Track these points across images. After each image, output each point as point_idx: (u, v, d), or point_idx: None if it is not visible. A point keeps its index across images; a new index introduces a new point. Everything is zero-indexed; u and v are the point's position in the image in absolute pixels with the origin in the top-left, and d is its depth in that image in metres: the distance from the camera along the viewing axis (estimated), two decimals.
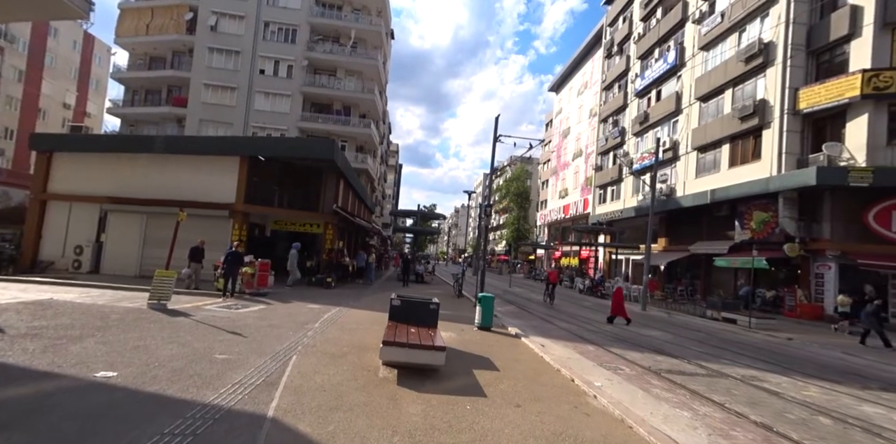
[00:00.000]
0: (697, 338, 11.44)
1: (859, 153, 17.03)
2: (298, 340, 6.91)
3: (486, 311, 9.43)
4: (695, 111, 25.13)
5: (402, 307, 6.61)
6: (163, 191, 15.45)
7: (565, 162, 45.47)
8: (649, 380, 6.48)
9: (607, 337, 10.21)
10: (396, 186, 68.06)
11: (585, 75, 43.07)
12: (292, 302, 11.35)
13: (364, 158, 32.16)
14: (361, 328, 8.42)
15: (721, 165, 22.74)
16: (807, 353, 10.55)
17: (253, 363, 5.36)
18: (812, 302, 17.97)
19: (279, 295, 12.37)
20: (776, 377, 7.42)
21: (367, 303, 12.66)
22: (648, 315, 16.12)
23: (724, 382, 6.81)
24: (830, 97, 17.66)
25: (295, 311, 9.94)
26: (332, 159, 15.98)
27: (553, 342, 8.77)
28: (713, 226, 23.63)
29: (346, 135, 30.62)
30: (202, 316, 8.38)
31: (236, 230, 15.54)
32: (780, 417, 5.22)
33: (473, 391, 5.01)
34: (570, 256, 39.83)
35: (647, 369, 7.20)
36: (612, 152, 34.74)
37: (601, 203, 35.44)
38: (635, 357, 8.03)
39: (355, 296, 14.14)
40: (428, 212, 30.05)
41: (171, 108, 29.51)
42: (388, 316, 6.71)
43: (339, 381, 4.93)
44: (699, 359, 8.42)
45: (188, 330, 6.99)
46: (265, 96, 30.09)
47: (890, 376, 8.50)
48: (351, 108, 31.66)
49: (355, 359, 5.97)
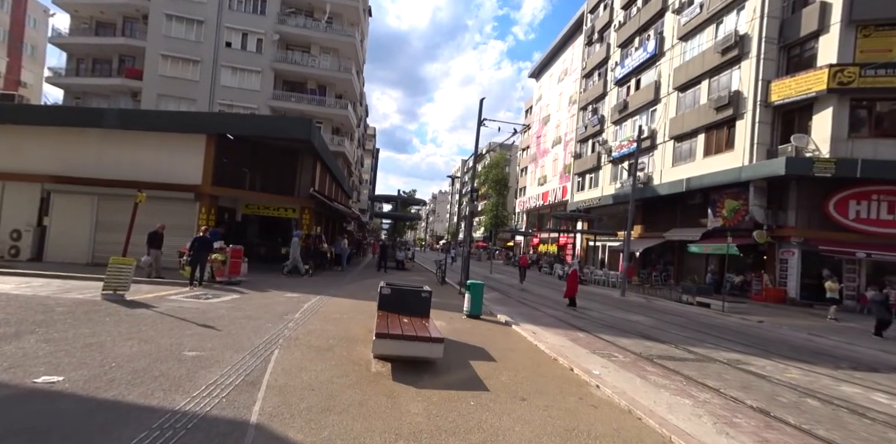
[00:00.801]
0: (678, 322, 11.58)
1: (824, 145, 17.56)
2: (279, 332, 6.40)
3: (476, 299, 9.15)
4: (672, 101, 25.35)
5: (392, 296, 6.21)
6: (118, 170, 14.19)
7: (545, 149, 45.50)
8: (644, 367, 6.37)
9: (595, 324, 10.15)
10: (373, 172, 66.72)
11: (566, 62, 42.86)
12: (269, 291, 10.74)
13: (341, 141, 31.09)
14: (346, 318, 7.97)
15: (696, 155, 23.11)
16: (778, 335, 10.87)
17: (229, 360, 4.85)
18: (776, 286, 18.68)
19: (254, 284, 11.70)
20: (759, 360, 7.51)
21: (348, 291, 12.18)
22: (628, 301, 16.31)
23: (713, 366, 6.80)
24: (800, 90, 18.08)
25: (272, 300, 9.36)
26: (308, 140, 15.11)
27: (544, 330, 8.59)
28: (687, 214, 24.15)
29: (321, 116, 29.40)
30: (167, 308, 7.69)
31: (203, 214, 14.61)
32: (772, 400, 5.20)
33: (474, 385, 4.69)
34: (548, 242, 40.21)
35: (639, 355, 7.11)
36: (592, 140, 34.90)
37: (580, 191, 35.72)
38: (626, 344, 7.94)
39: (335, 284, 13.61)
40: (408, 197, 29.40)
41: (125, 80, 27.36)
42: (376, 305, 6.30)
43: (329, 378, 4.51)
44: (685, 344, 8.45)
45: (151, 324, 6.34)
46: (232, 72, 28.40)
47: (855, 355, 8.86)
48: (326, 87, 30.37)
49: (344, 352, 5.54)
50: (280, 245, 16.54)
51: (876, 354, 9.07)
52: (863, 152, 16.98)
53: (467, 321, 8.82)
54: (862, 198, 17.48)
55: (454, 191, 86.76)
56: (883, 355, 9.00)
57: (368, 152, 62.97)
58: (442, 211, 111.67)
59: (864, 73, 16.71)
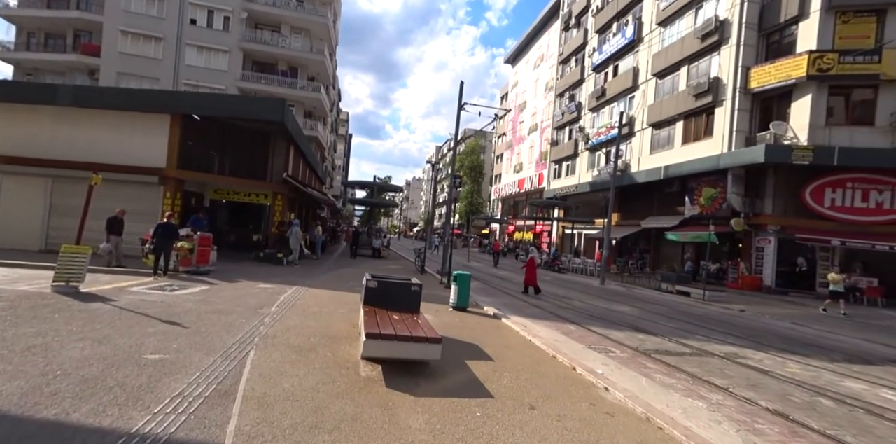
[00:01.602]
0: (662, 312, 11.52)
1: (802, 132, 17.78)
2: (254, 329, 5.80)
3: (463, 290, 8.70)
4: (651, 87, 25.29)
5: (379, 290, 5.68)
6: (73, 151, 13.08)
7: (521, 136, 45.17)
8: (645, 363, 6.11)
9: (582, 315, 9.91)
10: (346, 157, 65.06)
11: (542, 48, 42.30)
12: (240, 281, 10.01)
13: (314, 125, 29.85)
14: (326, 312, 7.39)
15: (675, 142, 23.19)
16: (762, 324, 10.91)
17: (198, 364, 4.25)
18: (752, 274, 19.07)
19: (223, 273, 10.90)
20: (754, 353, 7.39)
21: (326, 281, 11.54)
22: (608, 289, 16.28)
23: (712, 361, 6.61)
24: (780, 77, 18.17)
25: (244, 292, 8.66)
26: (281, 122, 14.19)
27: (533, 323, 8.25)
28: (664, 201, 24.35)
29: (293, 98, 28.05)
30: (127, 301, 6.92)
31: (168, 199, 13.62)
32: (786, 401, 4.98)
33: (476, 391, 4.25)
34: (523, 230, 40.21)
35: (635, 350, 6.86)
36: (569, 127, 34.73)
37: (556, 178, 35.65)
38: (619, 337, 7.70)
39: (311, 273, 12.92)
40: (384, 183, 28.60)
41: (80, 56, 25.33)
42: (357, 297, 5.78)
43: (314, 385, 3.98)
44: (676, 336, 8.29)
45: (108, 321, 5.62)
46: (198, 50, 26.66)
47: (843, 345, 8.88)
48: (298, 69, 28.95)
49: (328, 353, 5.01)
50: (251, 232, 15.66)
51: (860, 343, 9.15)
52: (839, 140, 17.26)
53: (455, 314, 8.38)
54: (837, 186, 17.84)
55: (430, 178, 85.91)
56: (867, 345, 9.08)
57: (341, 138, 61.28)
58: (416, 198, 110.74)
59: (842, 59, 16.87)
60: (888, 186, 17.57)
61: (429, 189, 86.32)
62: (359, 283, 11.34)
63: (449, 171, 60.62)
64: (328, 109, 33.13)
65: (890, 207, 17.61)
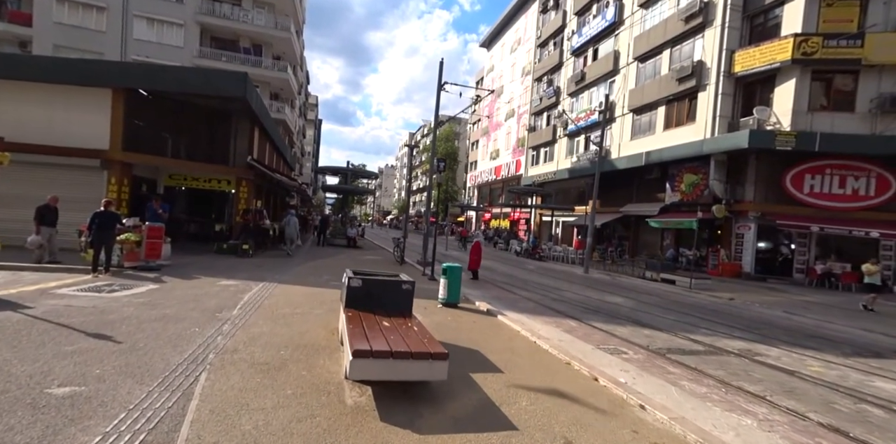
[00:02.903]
0: (656, 303, 11.02)
1: (785, 118, 17.60)
2: (209, 341, 4.71)
3: (453, 285, 7.80)
4: (632, 72, 24.77)
5: (363, 289, 4.69)
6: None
7: (497, 122, 44.26)
8: (665, 367, 5.42)
9: (578, 308, 9.24)
10: (316, 144, 62.54)
11: (519, 31, 41.21)
12: (197, 278, 8.76)
13: (281, 108, 27.98)
14: (299, 314, 6.34)
15: (656, 128, 22.83)
16: (757, 314, 10.56)
17: (124, 400, 3.17)
18: (732, 261, 19.05)
19: (179, 269, 9.62)
20: (767, 349, 6.87)
21: (299, 275, 10.35)
22: (594, 278, 15.78)
23: (732, 361, 6.01)
24: (764, 60, 17.88)
25: (202, 291, 7.45)
26: (243, 97, 12.68)
27: (532, 320, 7.47)
28: (644, 188, 24.09)
29: (258, 78, 25.94)
30: (48, 308, 5.64)
31: (114, 185, 12.06)
32: (833, 411, 4.37)
33: (494, 419, 3.37)
34: (500, 218, 39.64)
35: (647, 349, 6.18)
36: (547, 113, 34.04)
37: (534, 165, 35.05)
38: (624, 333, 7.02)
39: (281, 266, 11.72)
40: (358, 169, 27.15)
41: (8, 25, 22.55)
42: (334, 294, 4.81)
43: (286, 423, 2.99)
44: (681, 330, 7.69)
45: (11, 336, 4.39)
46: (148, 23, 24.28)
47: (845, 336, 8.54)
48: (262, 47, 26.89)
49: (303, 371, 4.00)
50: (214, 221, 14.21)
51: (861, 334, 8.80)
52: (821, 126, 17.16)
53: (446, 312, 7.49)
54: (816, 172, 17.83)
55: (404, 165, 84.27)
56: (868, 335, 8.76)
57: (311, 123, 58.75)
58: (389, 186, 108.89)
59: (826, 43, 16.68)
60: (864, 173, 17.70)
61: (403, 175, 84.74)
62: (336, 277, 10.18)
63: (421, 158, 58.99)
64: (296, 91, 31.19)
65: (865, 194, 17.77)
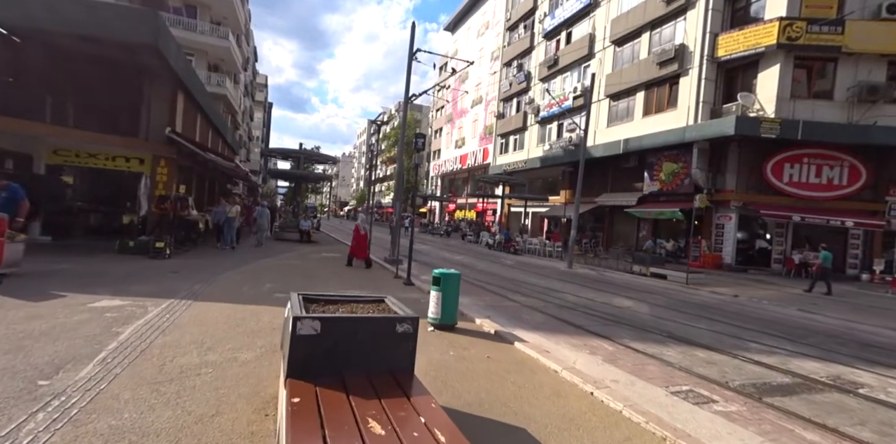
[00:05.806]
0: (666, 304, 9.64)
1: (769, 104, 16.94)
2: None
3: (449, 299, 5.57)
4: (609, 56, 23.62)
5: (323, 341, 2.44)
6: None
7: (462, 109, 42.36)
8: (785, 426, 3.81)
9: (590, 316, 7.62)
10: (266, 128, 57.99)
11: (487, 14, 39.30)
12: (58, 297, 5.62)
13: (221, 81, 24.58)
14: (212, 365, 3.73)
15: (635, 114, 21.81)
16: (774, 314, 9.41)
17: None
18: (712, 252, 18.38)
19: (36, 280, 6.60)
20: (852, 373, 5.23)
21: (228, 284, 7.57)
22: (580, 274, 14.36)
23: (849, 403, 4.46)
24: (748, 45, 17.11)
25: (47, 324, 4.46)
26: (153, 45, 9.57)
27: (553, 342, 5.62)
28: (619, 177, 23.14)
29: (192, 46, 22.56)
30: None
31: None
32: None
33: None
34: (465, 208, 38.01)
35: (730, 388, 4.41)
36: (517, 99, 32.52)
37: (503, 153, 33.54)
38: (678, 359, 5.29)
39: (206, 270, 8.84)
40: (313, 152, 24.18)
41: None
42: (277, 314, 2.75)
43: None
44: (730, 347, 6.00)
45: None
46: None
47: (886, 340, 7.47)
48: (198, 8, 23.38)
49: None
50: (122, 211, 11.13)
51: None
52: (802, 114, 16.60)
53: (441, 340, 5.28)
54: (795, 161, 17.36)
55: (362, 153, 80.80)
56: None
57: (259, 105, 54.27)
58: (347, 175, 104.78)
59: (809, 29, 16.06)
60: (838, 162, 17.42)
61: (362, 164, 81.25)
62: (282, 284, 7.70)
63: (381, 147, 56.11)
64: (240, 64, 27.76)
65: (838, 183, 17.51)
